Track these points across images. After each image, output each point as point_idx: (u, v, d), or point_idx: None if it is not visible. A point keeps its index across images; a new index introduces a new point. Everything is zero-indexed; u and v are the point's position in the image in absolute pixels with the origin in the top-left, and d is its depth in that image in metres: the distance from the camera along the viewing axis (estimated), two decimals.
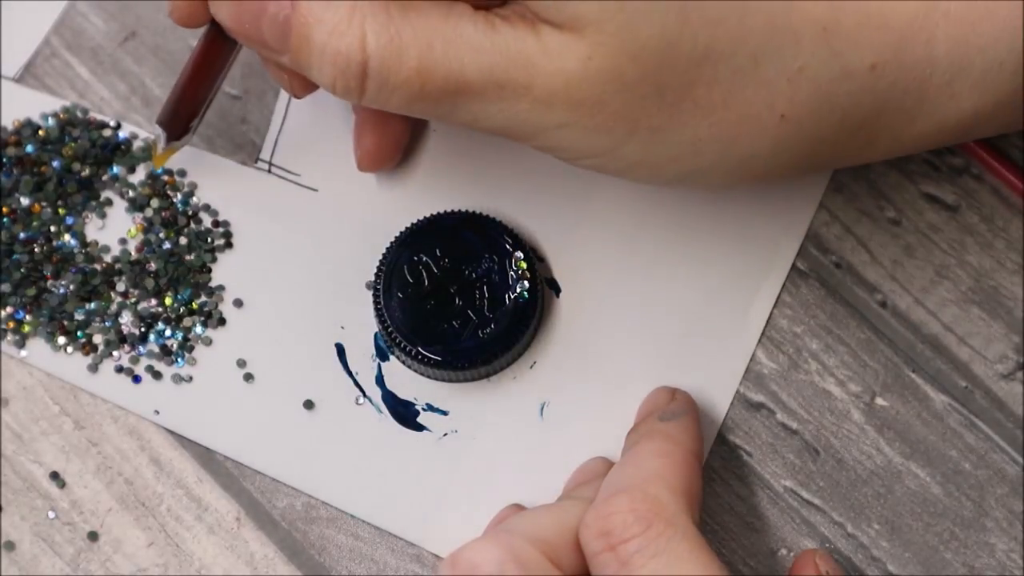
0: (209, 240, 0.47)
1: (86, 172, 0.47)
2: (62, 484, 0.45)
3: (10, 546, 0.45)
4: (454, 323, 0.44)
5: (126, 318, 0.46)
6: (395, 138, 0.45)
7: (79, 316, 0.46)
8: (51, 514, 0.45)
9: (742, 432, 0.45)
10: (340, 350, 0.46)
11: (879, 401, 0.45)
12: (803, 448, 0.45)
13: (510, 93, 0.37)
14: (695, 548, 0.36)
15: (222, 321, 0.46)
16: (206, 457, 0.45)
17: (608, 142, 0.38)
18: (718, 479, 0.44)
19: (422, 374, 0.45)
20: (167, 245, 0.47)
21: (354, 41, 0.37)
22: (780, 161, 0.38)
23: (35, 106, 0.48)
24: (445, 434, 0.45)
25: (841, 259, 0.46)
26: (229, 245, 0.47)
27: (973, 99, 0.38)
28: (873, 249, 0.46)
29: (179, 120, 0.44)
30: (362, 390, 0.45)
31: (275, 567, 0.44)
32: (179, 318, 0.46)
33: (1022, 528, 0.43)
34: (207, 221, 0.47)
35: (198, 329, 0.46)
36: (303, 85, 0.42)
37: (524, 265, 0.44)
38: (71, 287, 0.46)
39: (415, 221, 0.45)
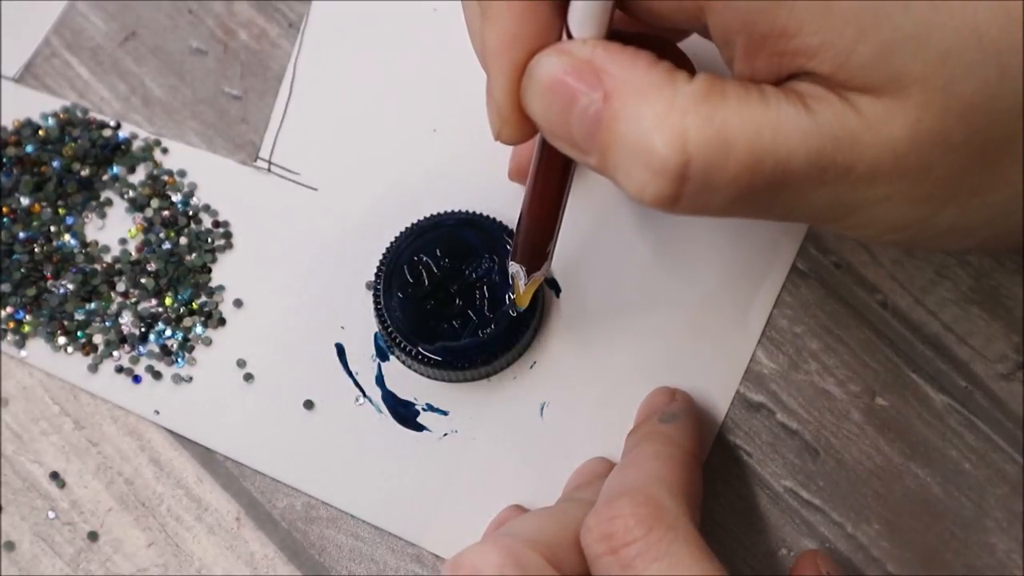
0: (209, 240, 0.47)
1: (86, 172, 0.47)
2: (62, 484, 0.45)
3: (10, 546, 0.45)
4: (454, 323, 0.44)
5: (126, 318, 0.46)
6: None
7: (79, 316, 0.46)
8: (51, 514, 0.45)
9: (742, 432, 0.45)
10: (340, 350, 0.46)
11: (879, 401, 0.45)
12: (803, 448, 0.45)
13: (832, 176, 0.33)
14: (696, 551, 0.36)
15: (222, 321, 0.46)
16: (206, 457, 0.45)
17: (926, 211, 0.34)
18: (718, 479, 0.44)
19: (422, 374, 0.45)
20: (167, 245, 0.47)
21: (673, 138, 0.32)
22: None
23: (35, 106, 0.48)
24: (445, 434, 0.45)
25: (841, 259, 0.46)
26: (229, 245, 0.47)
27: None
28: (873, 249, 0.46)
29: (537, 253, 0.41)
30: (362, 390, 0.45)
31: (275, 567, 0.44)
32: (179, 318, 0.46)
33: (1022, 528, 0.43)
34: (207, 221, 0.47)
35: (198, 329, 0.46)
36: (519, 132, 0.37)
37: None
38: (71, 287, 0.46)
39: (415, 221, 0.45)
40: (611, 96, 0.33)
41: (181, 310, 0.46)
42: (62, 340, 0.46)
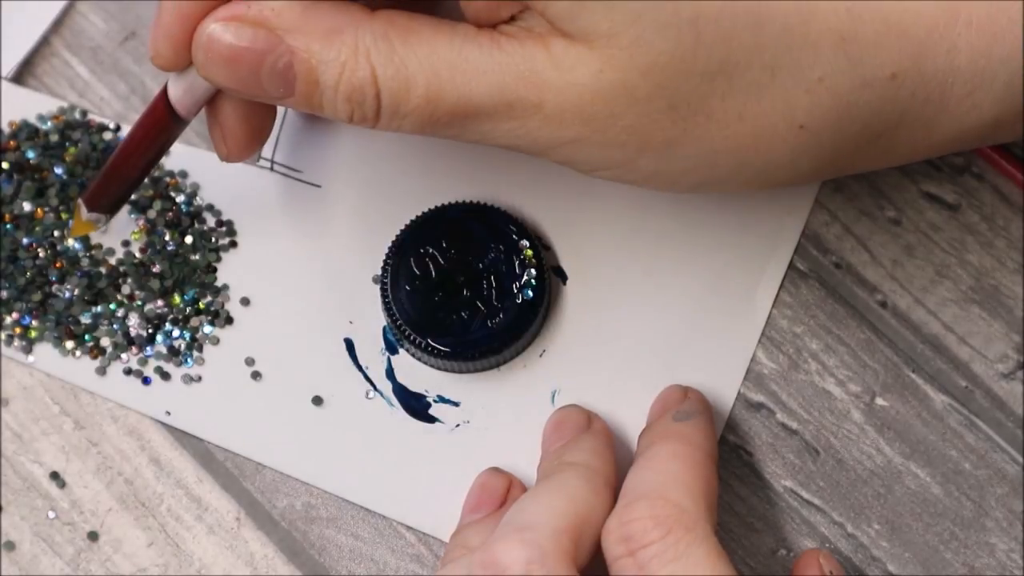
0: (213, 240, 0.47)
1: (88, 176, 0.47)
2: (62, 484, 0.45)
3: (10, 546, 0.45)
4: (463, 314, 0.44)
5: (133, 320, 0.46)
6: (262, 124, 0.43)
7: (86, 320, 0.46)
8: (51, 514, 0.45)
9: (742, 432, 0.45)
10: (349, 345, 0.46)
11: (879, 401, 0.45)
12: (803, 448, 0.45)
13: (520, 112, 0.37)
14: (712, 554, 0.37)
15: (229, 320, 0.46)
16: (206, 457, 0.45)
17: (621, 155, 0.37)
18: (718, 479, 0.44)
19: (432, 366, 0.45)
20: (171, 246, 0.47)
21: (366, 75, 0.37)
22: (798, 170, 0.38)
23: (32, 107, 0.48)
24: (457, 425, 0.45)
25: (841, 259, 0.46)
26: (233, 244, 0.47)
27: (995, 109, 0.37)
28: (873, 249, 0.46)
29: (107, 200, 0.44)
30: (373, 384, 0.45)
31: (275, 567, 0.44)
32: (186, 318, 0.46)
33: (1022, 528, 0.43)
34: (211, 221, 0.47)
35: (206, 328, 0.46)
36: (240, 148, 0.42)
37: (530, 254, 0.44)
38: (76, 291, 0.46)
39: (420, 213, 0.45)
40: (297, 51, 0.37)
41: (188, 310, 0.46)
42: (70, 344, 0.46)
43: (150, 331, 0.46)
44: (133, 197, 0.47)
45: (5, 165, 0.47)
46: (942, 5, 0.36)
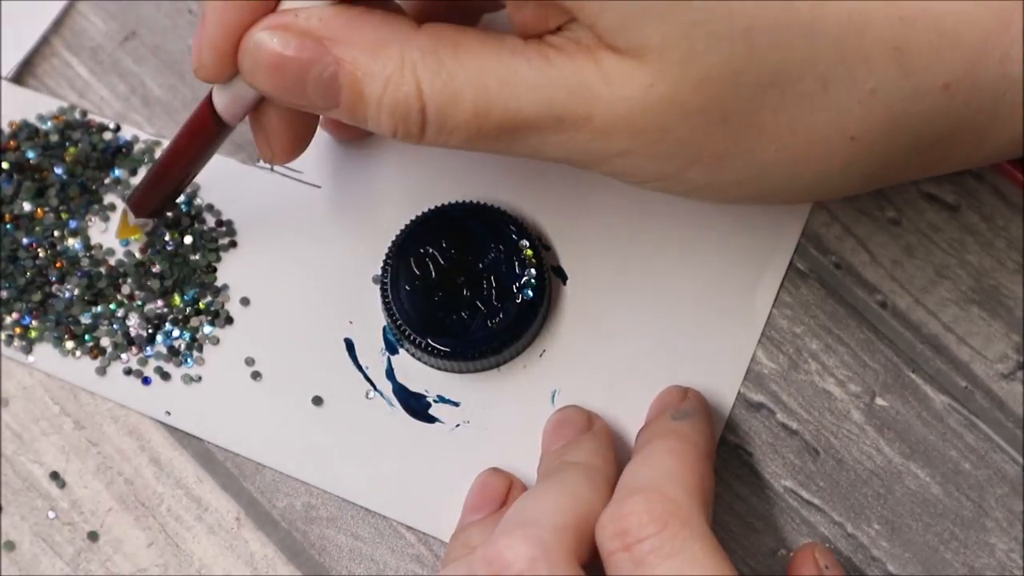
0: (213, 240, 0.47)
1: (88, 176, 0.47)
2: (62, 484, 0.45)
3: (10, 546, 0.45)
4: (463, 314, 0.44)
5: (133, 320, 0.46)
6: (306, 130, 0.43)
7: (86, 320, 0.46)
8: (51, 514, 0.45)
9: (742, 432, 0.45)
10: (349, 345, 0.46)
11: (879, 401, 0.45)
12: (803, 448, 0.45)
13: (570, 125, 0.36)
14: (709, 549, 0.36)
15: (229, 320, 0.46)
16: (206, 457, 0.45)
17: (672, 168, 0.37)
18: (718, 479, 0.44)
19: (432, 366, 0.45)
20: (171, 246, 0.47)
21: (411, 90, 0.36)
22: (848, 181, 0.37)
23: (32, 107, 0.48)
24: (457, 425, 0.45)
25: (841, 259, 0.46)
26: (233, 244, 0.47)
27: None
28: (873, 249, 0.46)
29: (152, 205, 0.45)
30: (373, 384, 0.45)
31: (275, 567, 0.44)
32: (186, 318, 0.46)
33: (1022, 528, 0.43)
34: (211, 221, 0.47)
35: (206, 328, 0.46)
36: (284, 153, 0.41)
37: (530, 254, 0.44)
38: (76, 291, 0.46)
39: (420, 213, 0.45)
40: (342, 62, 0.36)
41: (188, 310, 0.46)
42: (70, 344, 0.46)
43: (150, 331, 0.46)
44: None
45: (5, 165, 0.47)
46: (994, 9, 0.35)
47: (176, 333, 0.46)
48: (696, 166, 0.36)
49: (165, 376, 0.46)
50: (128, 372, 0.46)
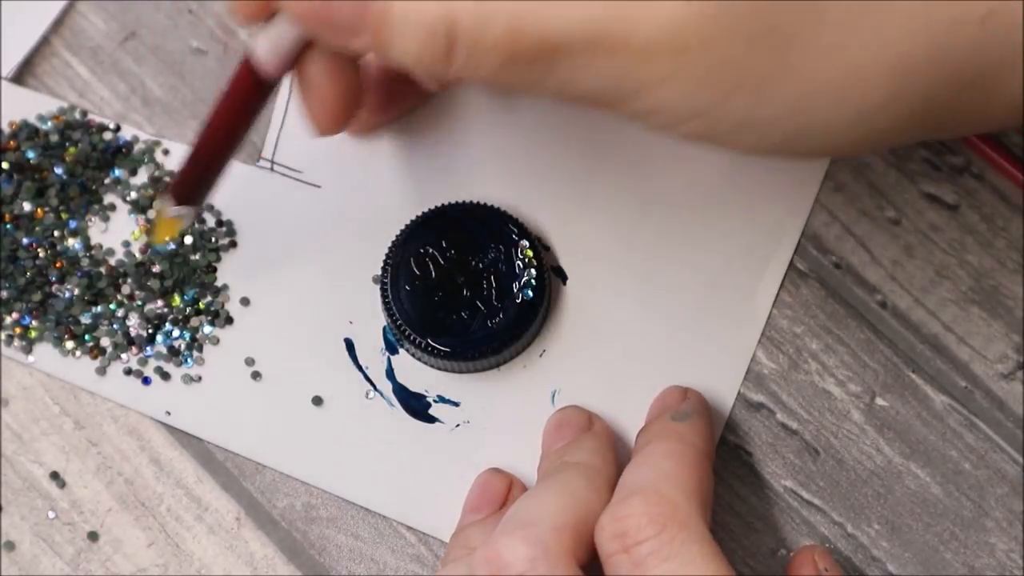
0: (213, 240, 0.47)
1: (88, 176, 0.47)
2: (62, 484, 0.45)
3: (10, 546, 0.45)
4: (463, 314, 0.44)
5: (133, 320, 0.46)
6: (349, 86, 0.41)
7: (86, 320, 0.46)
8: (51, 514, 0.45)
9: (742, 432, 0.45)
10: (349, 345, 0.46)
11: (879, 401, 0.45)
12: (803, 448, 0.45)
13: (607, 48, 0.34)
14: (707, 551, 0.36)
15: (229, 320, 0.46)
16: (206, 457, 0.45)
17: (712, 96, 0.35)
18: (718, 479, 0.44)
19: (432, 366, 0.45)
20: (171, 246, 0.47)
21: (439, 7, 0.34)
22: (892, 119, 0.36)
23: (32, 107, 0.48)
24: (457, 425, 0.45)
25: (841, 259, 0.46)
26: (233, 244, 0.47)
27: None
28: (873, 249, 0.46)
29: (193, 189, 0.43)
30: (373, 384, 0.45)
31: (275, 567, 0.44)
32: (186, 318, 0.46)
33: (1022, 528, 0.43)
34: (211, 221, 0.47)
35: (206, 328, 0.46)
36: (332, 115, 0.40)
37: (530, 254, 0.44)
38: (76, 291, 0.46)
39: (420, 213, 0.45)
40: None
41: (188, 310, 0.46)
42: (70, 344, 0.46)
43: (150, 331, 0.46)
44: (133, 196, 0.47)
45: (5, 165, 0.47)
46: None
47: (176, 333, 0.46)
48: (737, 94, 0.35)
49: (165, 376, 0.46)
50: (128, 372, 0.46)
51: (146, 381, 0.46)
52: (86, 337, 0.46)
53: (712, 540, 0.37)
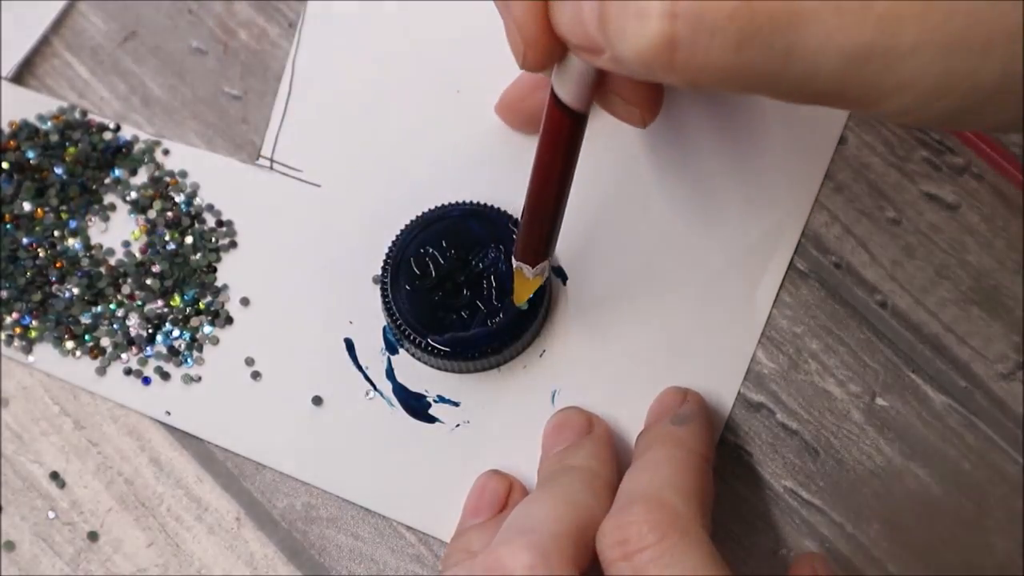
0: (213, 240, 0.47)
1: (88, 176, 0.47)
2: (62, 484, 0.45)
3: (10, 546, 0.45)
4: (463, 314, 0.44)
5: (133, 320, 0.46)
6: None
7: (86, 320, 0.46)
8: (51, 514, 0.45)
9: (742, 432, 0.45)
10: (349, 345, 0.46)
11: (879, 401, 0.45)
12: (803, 448, 0.45)
13: (851, 11, 0.30)
14: (708, 557, 0.37)
15: (229, 320, 0.46)
16: (206, 457, 0.45)
17: (967, 65, 0.30)
18: (718, 479, 0.44)
19: (432, 366, 0.45)
20: (171, 246, 0.47)
21: None
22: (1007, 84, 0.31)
23: (32, 107, 0.48)
24: (457, 425, 0.45)
25: (841, 259, 0.46)
26: (233, 244, 0.47)
27: None
28: (873, 249, 0.46)
29: (540, 243, 0.41)
30: (373, 384, 0.45)
31: (275, 567, 0.44)
32: (186, 318, 0.46)
33: (1022, 528, 0.43)
34: (211, 221, 0.47)
35: (206, 328, 0.46)
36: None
37: None
38: (76, 291, 0.46)
39: (420, 213, 0.45)
40: None
41: (188, 310, 0.46)
42: (70, 344, 0.46)
43: (150, 331, 0.46)
44: (133, 196, 0.47)
45: (5, 165, 0.47)
46: None
47: (176, 333, 0.46)
48: (991, 55, 0.30)
49: (165, 376, 0.46)
50: (128, 372, 0.46)
51: (146, 381, 0.46)
52: (86, 337, 0.46)
53: (711, 546, 0.37)
